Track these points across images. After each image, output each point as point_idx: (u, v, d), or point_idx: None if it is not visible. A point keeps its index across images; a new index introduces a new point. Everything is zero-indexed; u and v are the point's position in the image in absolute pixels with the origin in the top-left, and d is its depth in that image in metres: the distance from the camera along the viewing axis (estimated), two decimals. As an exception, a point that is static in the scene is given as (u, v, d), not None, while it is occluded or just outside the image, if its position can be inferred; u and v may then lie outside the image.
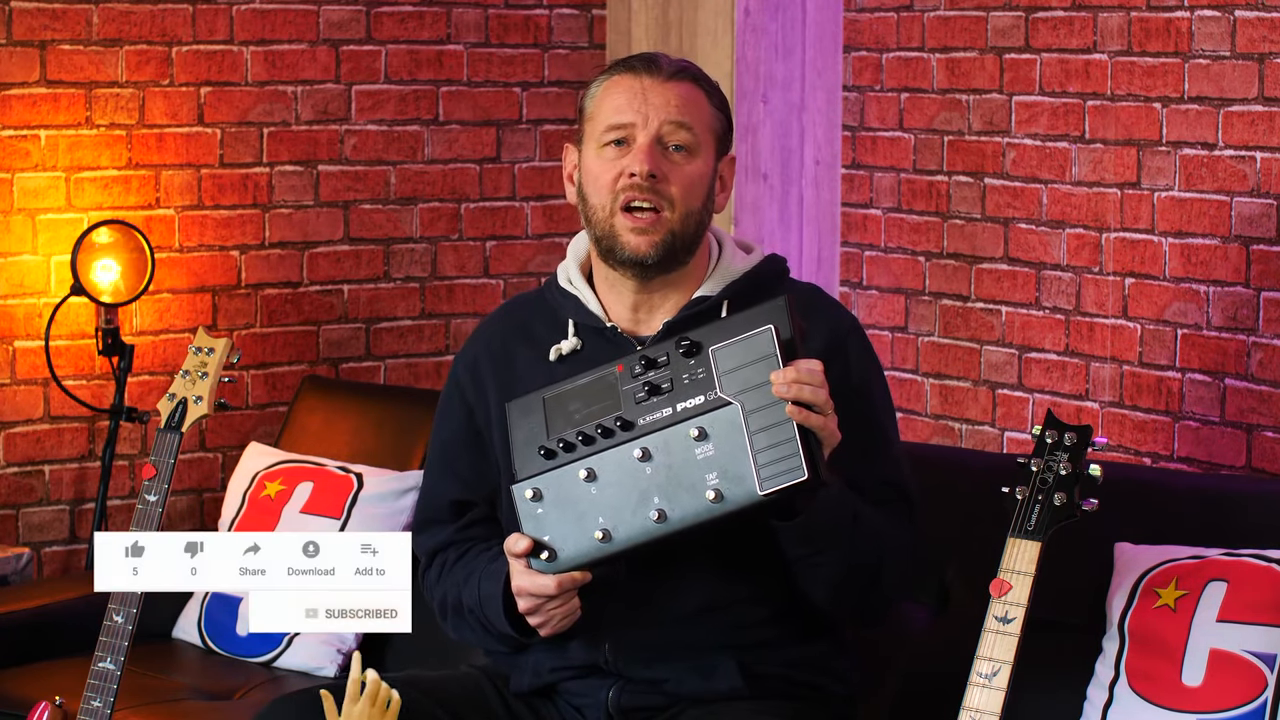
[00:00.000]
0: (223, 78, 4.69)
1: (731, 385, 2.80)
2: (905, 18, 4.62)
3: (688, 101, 2.98)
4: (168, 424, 3.62)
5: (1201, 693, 3.09)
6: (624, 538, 2.83)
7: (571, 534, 2.85)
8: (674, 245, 2.97)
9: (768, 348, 2.79)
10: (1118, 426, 4.17)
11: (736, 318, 2.86)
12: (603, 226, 2.98)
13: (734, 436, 2.78)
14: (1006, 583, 2.87)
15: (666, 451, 2.82)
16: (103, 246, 4.44)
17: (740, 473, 2.77)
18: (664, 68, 2.99)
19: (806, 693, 3.01)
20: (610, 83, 3.01)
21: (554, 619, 2.89)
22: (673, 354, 2.86)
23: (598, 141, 2.99)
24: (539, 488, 2.87)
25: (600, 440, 2.86)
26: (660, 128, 2.95)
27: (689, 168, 2.97)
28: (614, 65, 3.04)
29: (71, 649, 3.88)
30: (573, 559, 2.85)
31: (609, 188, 2.96)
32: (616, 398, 2.87)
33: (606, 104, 2.99)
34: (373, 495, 4.10)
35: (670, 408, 2.84)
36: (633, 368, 2.88)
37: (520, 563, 2.87)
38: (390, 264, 4.92)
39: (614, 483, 2.84)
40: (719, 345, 2.83)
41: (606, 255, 2.99)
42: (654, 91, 2.97)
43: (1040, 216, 4.34)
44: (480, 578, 2.99)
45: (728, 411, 2.79)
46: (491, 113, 5.00)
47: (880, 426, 3.01)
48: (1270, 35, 3.90)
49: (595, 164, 2.99)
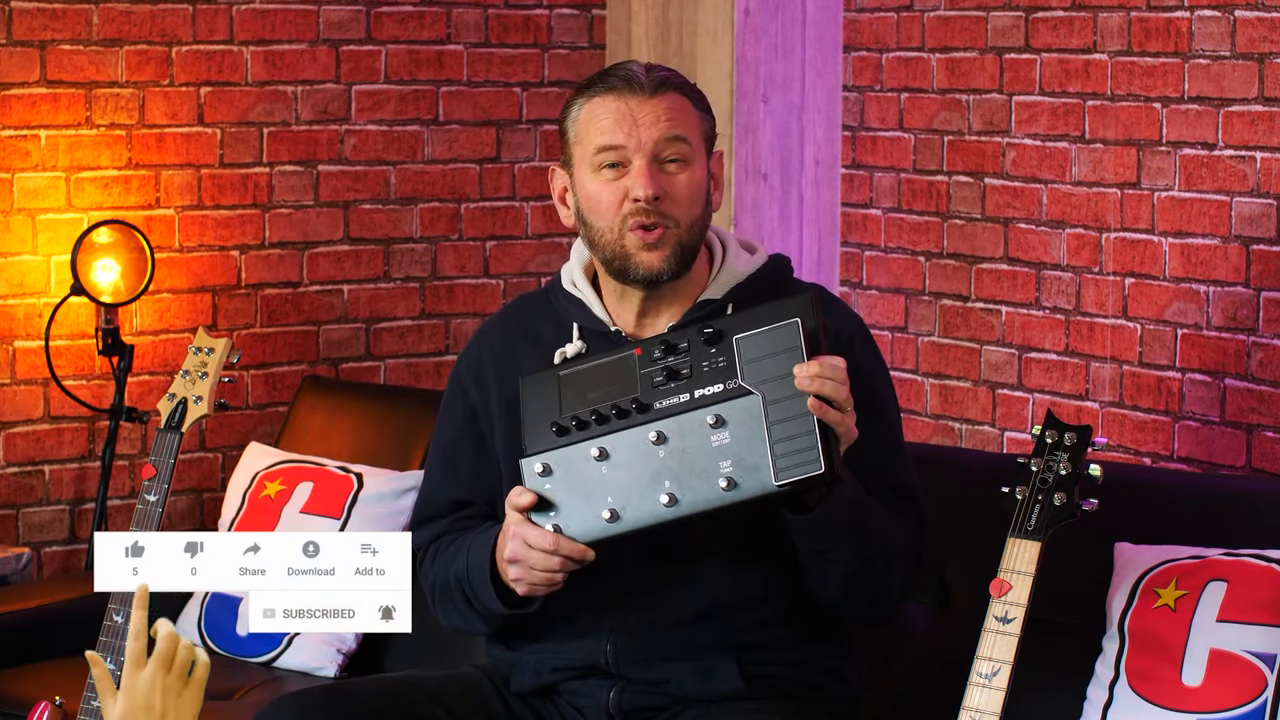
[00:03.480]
0: (223, 78, 4.69)
1: (753, 375, 2.80)
2: (905, 18, 4.62)
3: (676, 114, 2.95)
4: (168, 424, 3.62)
5: (1201, 693, 3.09)
6: (632, 519, 2.83)
7: (579, 511, 2.84)
8: (683, 255, 2.96)
9: (793, 340, 2.79)
10: (1118, 426, 4.18)
11: (762, 308, 2.85)
12: (612, 248, 2.96)
13: (752, 426, 2.78)
14: (1006, 583, 2.87)
15: (681, 436, 2.81)
16: (103, 246, 4.44)
17: (756, 462, 2.77)
18: (645, 84, 2.94)
19: (807, 693, 3.01)
20: (591, 105, 2.96)
21: (534, 577, 2.86)
22: (694, 340, 2.85)
23: (591, 165, 2.96)
24: (549, 463, 2.87)
25: (615, 420, 2.85)
26: (655, 148, 2.93)
27: (687, 178, 2.96)
28: (589, 85, 2.99)
29: (71, 649, 3.88)
30: (578, 537, 2.85)
31: (614, 210, 2.95)
32: (634, 380, 2.86)
33: (593, 127, 2.95)
34: (373, 495, 4.10)
35: (688, 393, 2.83)
36: (652, 352, 2.87)
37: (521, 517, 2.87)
38: (390, 264, 4.92)
39: (625, 463, 2.83)
40: (744, 334, 2.82)
41: (619, 275, 2.98)
42: (641, 111, 2.93)
43: (1040, 216, 4.34)
44: (470, 547, 2.98)
45: (747, 400, 2.79)
46: (491, 113, 5.00)
47: (887, 427, 3.01)
48: (1270, 35, 3.90)
49: (593, 187, 2.96)
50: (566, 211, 3.05)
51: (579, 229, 3.02)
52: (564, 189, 3.04)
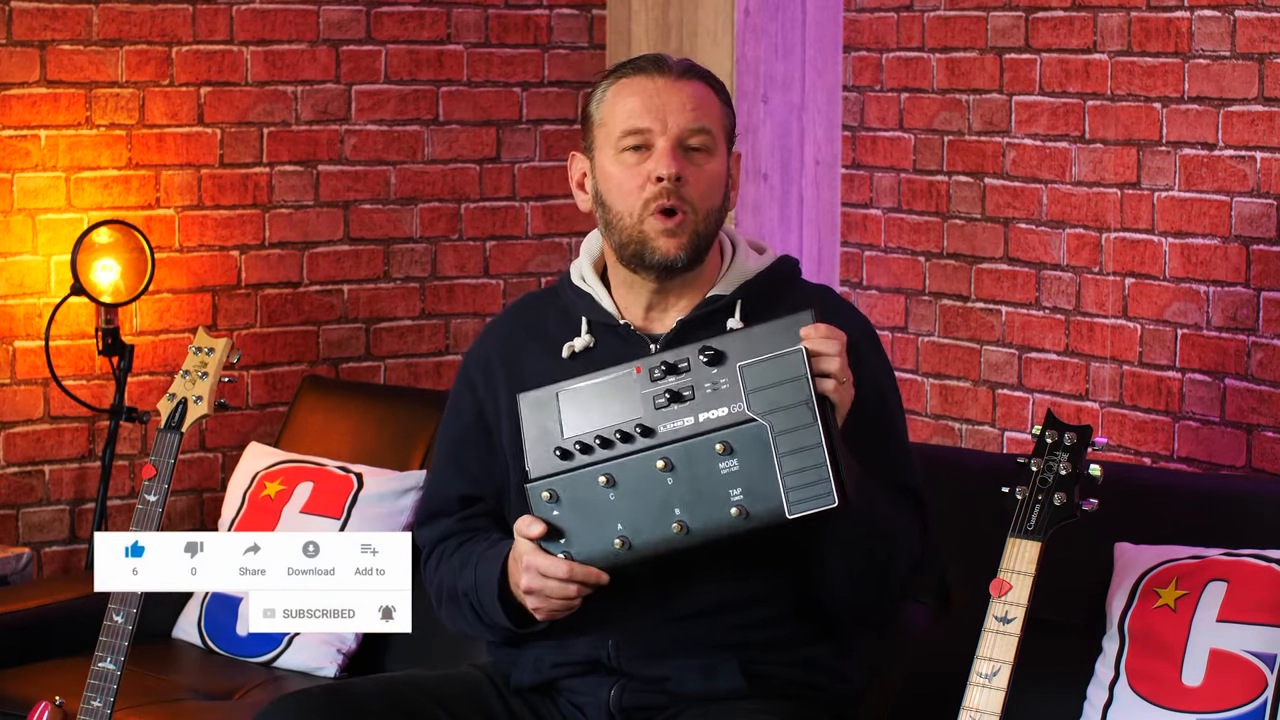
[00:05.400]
0: (223, 78, 4.69)
1: (759, 404, 2.77)
2: (905, 18, 4.62)
3: (701, 102, 2.97)
4: (168, 424, 3.62)
5: (1201, 693, 3.09)
6: (643, 546, 2.81)
7: (589, 539, 2.83)
8: (699, 245, 2.97)
9: (798, 369, 2.76)
10: (1118, 426, 4.17)
11: (762, 328, 2.82)
12: (630, 232, 2.96)
13: (761, 455, 2.76)
14: (1006, 583, 2.87)
15: (690, 463, 2.79)
16: (103, 246, 4.44)
17: (766, 491, 2.75)
18: (673, 67, 2.98)
19: (807, 693, 3.01)
20: (619, 86, 2.98)
21: (552, 605, 2.87)
22: (694, 360, 2.82)
23: (614, 147, 2.96)
24: (555, 490, 2.84)
25: (620, 445, 2.83)
26: (680, 134, 2.94)
27: (709, 168, 2.97)
28: (619, 68, 3.02)
29: (71, 649, 3.88)
30: (590, 564, 2.83)
31: (635, 193, 2.95)
32: (635, 401, 2.84)
33: (619, 108, 2.97)
34: (373, 495, 4.10)
35: (692, 417, 2.81)
36: (652, 371, 2.84)
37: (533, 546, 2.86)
38: (390, 264, 4.92)
39: (634, 490, 2.81)
40: (747, 362, 2.79)
41: (634, 260, 2.97)
42: (668, 93, 2.95)
43: (1040, 216, 4.34)
44: (478, 562, 2.97)
45: (754, 429, 2.77)
46: (491, 113, 5.00)
47: (892, 428, 3.01)
48: (1270, 35, 3.90)
49: (616, 170, 2.96)
50: (584, 197, 3.05)
51: (596, 214, 3.02)
52: (583, 174, 3.04)
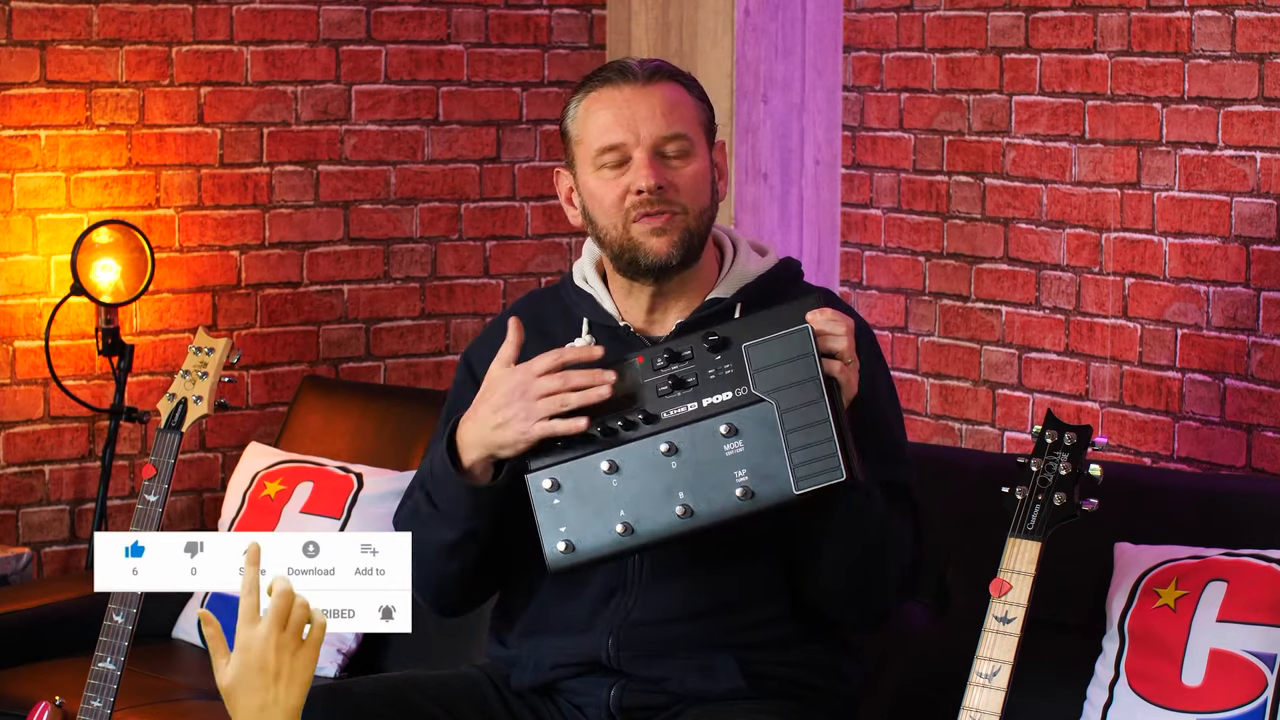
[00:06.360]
0: (223, 78, 4.69)
1: (765, 383, 2.78)
2: (905, 18, 4.62)
3: (673, 105, 2.96)
4: (168, 424, 3.62)
5: (1201, 693, 3.09)
6: (647, 532, 2.81)
7: (591, 526, 2.82)
8: (691, 242, 2.96)
9: (805, 346, 2.76)
10: (1118, 426, 4.18)
11: (766, 314, 2.83)
12: (620, 242, 2.96)
13: (767, 434, 2.76)
14: (1006, 583, 2.87)
15: (693, 446, 2.79)
16: (103, 246, 4.44)
17: (773, 471, 2.75)
18: (638, 73, 2.96)
19: (807, 693, 3.01)
20: (589, 100, 2.97)
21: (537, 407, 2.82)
22: (697, 348, 2.82)
23: (592, 164, 2.96)
24: (556, 478, 2.84)
25: (622, 433, 2.83)
26: (654, 141, 2.94)
27: (689, 170, 2.96)
28: (587, 80, 3.00)
29: (71, 649, 3.88)
30: (591, 551, 2.83)
31: (616, 206, 2.95)
32: (638, 390, 2.84)
33: (592, 124, 2.96)
34: (373, 495, 4.10)
35: (696, 402, 2.81)
36: (654, 360, 2.84)
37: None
38: (390, 264, 4.92)
39: (637, 476, 2.81)
40: (752, 342, 2.80)
41: (629, 268, 2.97)
42: (637, 101, 2.94)
43: (1040, 216, 4.34)
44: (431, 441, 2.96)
45: (760, 409, 2.77)
46: (491, 113, 5.00)
47: (888, 429, 3.01)
48: (1270, 35, 3.90)
49: (596, 185, 2.96)
50: (574, 211, 3.05)
51: (586, 228, 3.02)
52: (570, 189, 3.04)
